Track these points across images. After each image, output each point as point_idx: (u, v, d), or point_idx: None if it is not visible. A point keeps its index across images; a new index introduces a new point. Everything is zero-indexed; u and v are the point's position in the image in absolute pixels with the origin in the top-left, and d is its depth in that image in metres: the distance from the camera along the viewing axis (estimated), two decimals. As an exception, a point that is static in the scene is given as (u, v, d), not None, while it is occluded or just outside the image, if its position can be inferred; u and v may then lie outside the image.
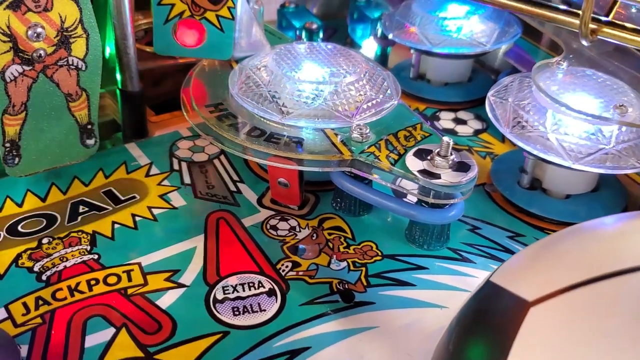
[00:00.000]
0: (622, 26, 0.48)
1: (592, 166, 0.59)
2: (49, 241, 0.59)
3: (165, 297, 0.54)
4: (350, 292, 0.56)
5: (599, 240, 0.40)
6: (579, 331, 0.34)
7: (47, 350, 0.49)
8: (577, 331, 0.35)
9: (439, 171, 0.57)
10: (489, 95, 0.67)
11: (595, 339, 0.34)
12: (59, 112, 0.62)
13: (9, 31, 0.56)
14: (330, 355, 0.50)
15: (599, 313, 0.35)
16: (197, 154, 0.72)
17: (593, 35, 0.48)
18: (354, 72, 0.65)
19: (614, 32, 0.48)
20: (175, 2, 0.67)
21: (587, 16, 0.46)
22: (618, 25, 0.48)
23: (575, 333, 0.34)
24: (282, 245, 0.60)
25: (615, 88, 0.64)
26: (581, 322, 0.35)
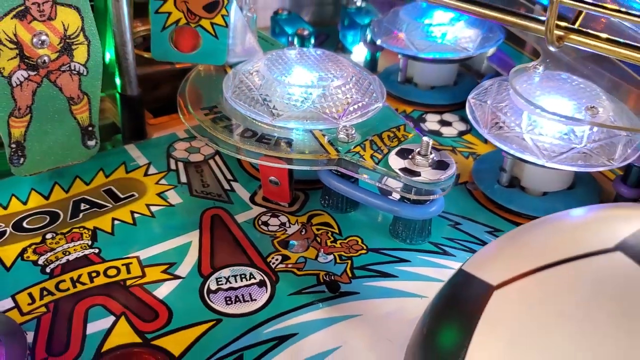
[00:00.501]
0: (587, 33, 0.51)
1: (564, 164, 0.63)
2: (52, 236, 0.63)
3: (162, 288, 0.58)
4: (335, 283, 0.59)
5: (558, 230, 0.44)
6: (536, 310, 0.38)
7: (51, 337, 0.53)
8: (534, 310, 0.38)
9: (419, 169, 0.61)
10: (470, 98, 0.70)
11: (550, 317, 0.37)
12: (62, 114, 0.66)
13: (15, 39, 0.59)
14: (316, 341, 0.53)
15: (553, 294, 0.38)
16: (193, 154, 0.76)
17: (560, 41, 0.52)
18: (341, 76, 0.69)
19: (579, 38, 0.51)
20: (171, 11, 0.70)
21: (551, 24, 0.49)
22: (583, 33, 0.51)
23: (532, 312, 0.38)
24: (272, 240, 0.64)
25: (588, 91, 0.68)
26: (538, 302, 0.38)
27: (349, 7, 0.99)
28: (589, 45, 0.51)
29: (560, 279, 0.39)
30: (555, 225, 0.45)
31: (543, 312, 0.38)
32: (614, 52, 0.50)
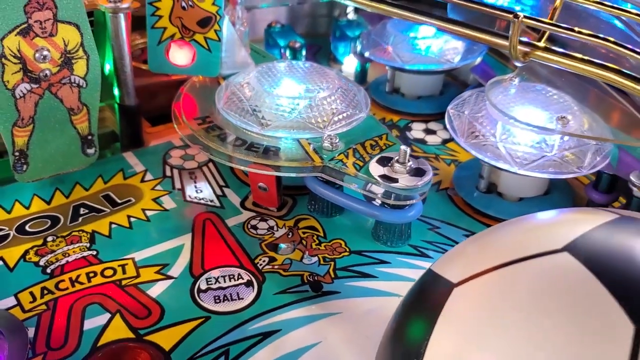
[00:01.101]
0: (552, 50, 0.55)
1: (536, 171, 0.66)
2: (53, 239, 0.67)
3: (155, 287, 0.62)
4: (318, 282, 0.63)
5: (515, 232, 0.47)
6: (489, 306, 0.42)
7: (50, 332, 0.57)
8: (487, 306, 0.42)
9: (397, 176, 0.64)
10: (449, 108, 0.74)
11: (501, 312, 0.41)
12: (63, 124, 0.70)
13: (19, 54, 0.63)
14: (298, 337, 0.57)
15: (505, 291, 0.42)
16: (188, 161, 0.80)
17: (526, 57, 0.55)
18: (327, 88, 0.73)
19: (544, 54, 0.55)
20: (167, 26, 0.75)
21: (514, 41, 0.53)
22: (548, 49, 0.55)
23: (486, 307, 0.42)
24: (260, 243, 0.68)
25: (561, 102, 0.72)
26: (492, 298, 0.42)
27: (340, 19, 1.03)
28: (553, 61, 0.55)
29: (513, 277, 0.43)
30: (514, 228, 0.48)
31: (495, 307, 0.41)
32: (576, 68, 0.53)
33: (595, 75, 0.53)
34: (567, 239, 0.43)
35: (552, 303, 0.40)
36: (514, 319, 0.40)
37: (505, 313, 0.41)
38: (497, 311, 0.41)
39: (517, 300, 0.41)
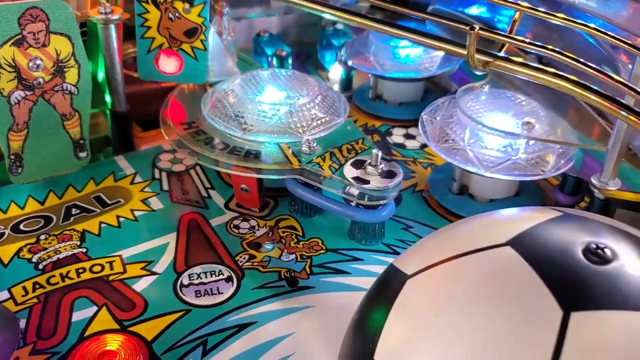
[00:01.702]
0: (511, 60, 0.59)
1: (501, 174, 0.70)
2: (45, 237, 0.71)
3: (140, 282, 0.66)
4: (294, 278, 0.67)
5: (468, 228, 0.51)
6: (436, 295, 0.45)
7: (41, 323, 0.60)
8: (434, 295, 0.45)
9: (369, 178, 0.68)
10: (423, 114, 0.78)
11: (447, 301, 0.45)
12: (56, 129, 0.74)
13: (13, 63, 0.68)
14: (272, 328, 0.61)
15: (452, 281, 0.46)
16: (176, 165, 0.84)
17: (486, 66, 0.59)
18: (307, 95, 0.77)
19: (503, 64, 0.59)
20: (155, 36, 0.79)
21: (471, 51, 0.57)
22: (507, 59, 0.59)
23: (433, 296, 0.45)
24: (241, 241, 0.72)
25: (529, 108, 0.75)
26: (439, 288, 0.46)
27: (327, 28, 1.07)
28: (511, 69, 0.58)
29: (460, 268, 0.46)
30: (468, 225, 0.52)
31: (442, 296, 0.45)
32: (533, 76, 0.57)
33: (549, 83, 0.56)
34: (511, 234, 0.47)
35: (492, 291, 0.43)
36: (458, 306, 0.44)
37: (450, 301, 0.45)
38: (444, 299, 0.45)
39: (462, 289, 0.45)
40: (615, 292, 0.42)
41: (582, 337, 0.39)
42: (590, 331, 0.40)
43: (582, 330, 0.40)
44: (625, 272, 0.43)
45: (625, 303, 0.41)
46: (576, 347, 0.39)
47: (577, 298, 0.41)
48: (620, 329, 0.40)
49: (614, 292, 0.42)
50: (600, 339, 0.40)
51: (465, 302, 0.44)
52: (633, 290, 0.42)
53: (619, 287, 0.42)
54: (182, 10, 0.76)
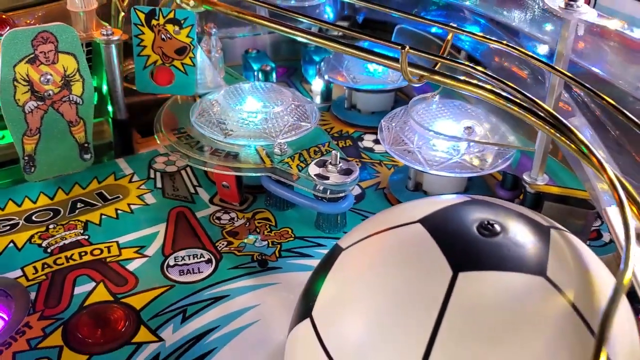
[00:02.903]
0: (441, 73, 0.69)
1: (445, 171, 0.81)
2: (54, 226, 0.82)
3: (133, 263, 0.77)
4: (265, 261, 0.78)
5: (396, 210, 0.62)
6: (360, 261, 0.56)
7: (48, 296, 0.72)
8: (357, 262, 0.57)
9: (329, 174, 0.79)
10: (382, 121, 0.89)
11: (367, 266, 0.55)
12: (64, 134, 0.86)
13: (27, 78, 0.80)
14: (242, 300, 0.72)
15: (372, 251, 0.57)
16: (169, 166, 0.95)
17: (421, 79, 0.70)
18: (282, 104, 0.88)
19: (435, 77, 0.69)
20: (150, 54, 0.91)
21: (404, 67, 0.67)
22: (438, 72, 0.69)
23: (357, 263, 0.56)
24: (222, 230, 0.83)
25: (474, 114, 0.86)
26: (362, 256, 0.57)
27: (309, 46, 1.18)
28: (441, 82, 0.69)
29: (379, 241, 0.57)
30: (397, 208, 0.63)
31: (363, 263, 0.56)
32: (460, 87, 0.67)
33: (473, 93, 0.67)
34: (423, 214, 0.58)
35: (400, 257, 0.55)
36: (375, 269, 0.55)
37: (369, 265, 0.56)
38: (365, 265, 0.56)
39: (379, 256, 0.56)
40: (497, 257, 0.52)
41: (466, 290, 0.50)
42: (473, 285, 0.51)
43: (466, 285, 0.51)
44: (508, 242, 0.54)
45: (504, 265, 0.52)
46: (461, 297, 0.50)
47: (465, 261, 0.52)
48: (497, 284, 0.51)
49: (496, 257, 0.52)
50: (480, 291, 0.50)
51: (380, 265, 0.55)
52: (512, 256, 0.53)
53: (501, 254, 0.53)
54: (173, 32, 0.88)
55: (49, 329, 0.68)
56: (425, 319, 0.49)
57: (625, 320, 0.52)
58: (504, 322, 0.49)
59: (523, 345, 0.48)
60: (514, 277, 0.51)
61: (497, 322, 0.49)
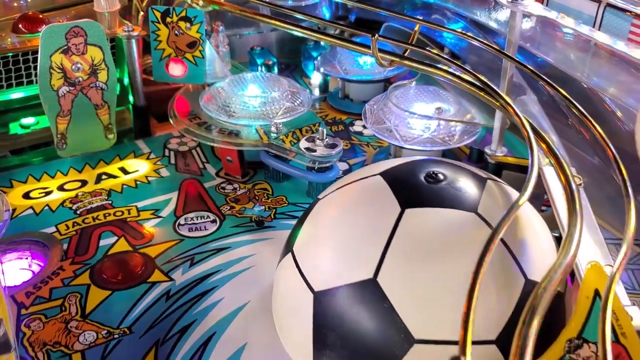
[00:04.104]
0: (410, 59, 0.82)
1: (416, 145, 0.94)
2: (82, 194, 0.96)
3: (149, 222, 0.91)
4: (262, 221, 0.91)
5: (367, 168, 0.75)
6: (331, 206, 0.70)
7: (78, 247, 0.86)
8: (330, 207, 0.70)
9: (317, 148, 0.92)
10: (366, 105, 1.02)
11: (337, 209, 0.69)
12: (91, 116, 1.00)
13: (61, 66, 0.94)
14: (240, 251, 0.85)
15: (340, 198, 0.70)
16: (182, 146, 1.09)
17: (392, 64, 0.83)
18: (278, 90, 1.02)
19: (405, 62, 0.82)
20: (165, 48, 1.05)
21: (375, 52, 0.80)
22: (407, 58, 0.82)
23: (329, 208, 0.70)
24: (225, 197, 0.96)
25: (445, 98, 0.99)
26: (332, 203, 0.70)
27: (308, 43, 1.32)
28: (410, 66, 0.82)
29: (347, 190, 0.71)
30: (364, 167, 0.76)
31: (332, 207, 0.70)
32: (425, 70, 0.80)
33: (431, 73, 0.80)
34: (383, 169, 0.71)
35: (360, 200, 0.68)
36: (340, 211, 0.68)
37: (337, 208, 0.69)
38: (333, 208, 0.69)
39: (345, 201, 0.69)
40: (438, 197, 0.65)
41: (410, 221, 0.63)
42: (416, 218, 0.64)
43: (410, 218, 0.63)
44: (448, 187, 0.67)
45: (442, 203, 0.65)
46: (406, 226, 0.63)
47: (411, 200, 0.65)
48: (436, 217, 0.64)
49: (437, 198, 0.65)
50: (422, 222, 0.63)
51: (345, 207, 0.68)
52: (450, 197, 0.65)
53: (441, 195, 0.66)
54: (184, 28, 1.02)
55: (79, 271, 0.81)
56: (377, 244, 0.62)
57: (541, 239, 0.64)
58: (439, 245, 0.62)
59: (454, 263, 0.61)
60: (450, 213, 0.64)
61: (434, 245, 0.62)
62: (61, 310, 0.76)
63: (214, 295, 0.78)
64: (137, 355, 0.70)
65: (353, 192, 0.70)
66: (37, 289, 0.79)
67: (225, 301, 0.77)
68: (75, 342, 0.71)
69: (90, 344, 0.71)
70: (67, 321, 0.74)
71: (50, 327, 0.73)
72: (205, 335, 0.72)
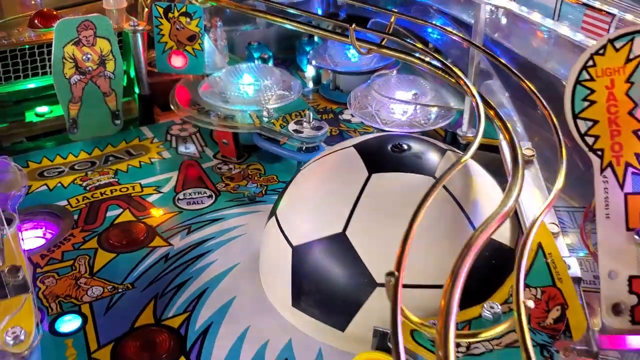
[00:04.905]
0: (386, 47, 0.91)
1: (394, 128, 1.03)
2: (91, 173, 1.06)
3: (151, 197, 1.00)
4: (254, 196, 1.00)
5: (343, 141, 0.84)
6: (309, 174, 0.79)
7: (87, 218, 0.95)
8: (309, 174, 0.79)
9: (303, 130, 1.02)
10: (352, 92, 1.11)
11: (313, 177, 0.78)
12: (99, 103, 1.10)
13: (73, 57, 1.04)
14: (233, 221, 0.94)
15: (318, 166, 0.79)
16: (183, 132, 1.19)
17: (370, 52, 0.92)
18: (270, 79, 1.11)
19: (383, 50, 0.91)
20: (167, 41, 1.14)
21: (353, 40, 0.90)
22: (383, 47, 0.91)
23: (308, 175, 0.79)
24: (221, 177, 1.06)
25: (423, 85, 1.08)
26: (311, 171, 0.79)
27: (303, 39, 1.41)
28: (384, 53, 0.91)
29: (324, 160, 0.80)
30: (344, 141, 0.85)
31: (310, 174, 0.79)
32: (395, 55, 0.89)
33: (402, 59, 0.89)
34: (357, 141, 0.80)
35: (335, 168, 0.77)
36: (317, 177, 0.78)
37: (315, 175, 0.78)
38: (311, 175, 0.79)
39: (321, 170, 0.79)
40: (401, 164, 0.75)
41: (376, 183, 0.72)
42: (381, 182, 0.73)
43: (376, 181, 0.73)
44: (411, 156, 0.76)
45: (404, 169, 0.74)
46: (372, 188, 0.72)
47: (377, 166, 0.74)
48: (398, 180, 0.73)
49: (400, 164, 0.75)
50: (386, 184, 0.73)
51: (321, 175, 0.78)
52: (412, 164, 0.75)
53: (404, 162, 0.75)
54: (185, 23, 1.12)
55: (88, 238, 0.91)
56: (347, 203, 0.72)
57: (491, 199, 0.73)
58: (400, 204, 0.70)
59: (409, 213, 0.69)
60: (411, 176, 0.73)
61: (395, 202, 0.71)
62: (72, 270, 0.85)
63: (207, 258, 0.87)
64: (138, 306, 0.79)
65: (329, 162, 0.79)
66: (51, 252, 0.88)
67: (218, 263, 0.86)
68: (84, 295, 0.81)
69: (97, 297, 0.80)
70: (77, 278, 0.83)
71: (62, 283, 0.83)
72: (199, 290, 0.81)
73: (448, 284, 0.55)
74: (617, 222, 0.62)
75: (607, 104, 0.62)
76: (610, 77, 0.62)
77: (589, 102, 0.62)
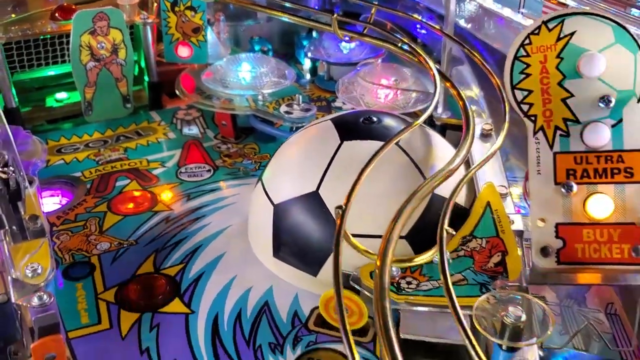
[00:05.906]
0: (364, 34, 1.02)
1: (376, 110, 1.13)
2: (103, 149, 1.18)
3: (156, 170, 1.12)
4: (249, 172, 1.11)
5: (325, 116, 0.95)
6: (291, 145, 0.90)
7: (98, 186, 1.07)
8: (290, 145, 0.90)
9: (293, 111, 1.13)
10: (339, 80, 1.22)
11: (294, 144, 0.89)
12: (112, 87, 1.22)
13: (89, 45, 1.16)
14: (227, 191, 1.05)
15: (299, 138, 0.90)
16: (187, 117, 1.30)
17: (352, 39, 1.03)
18: (266, 67, 1.22)
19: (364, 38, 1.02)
20: (174, 33, 1.26)
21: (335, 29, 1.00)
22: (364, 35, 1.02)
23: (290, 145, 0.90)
24: (220, 154, 1.17)
25: (404, 72, 1.19)
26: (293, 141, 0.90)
27: (301, 33, 1.53)
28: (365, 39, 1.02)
29: (305, 132, 0.91)
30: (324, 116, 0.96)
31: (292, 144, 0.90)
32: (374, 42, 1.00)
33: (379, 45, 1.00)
34: (334, 116, 0.91)
35: (312, 137, 0.88)
36: (297, 146, 0.89)
37: (295, 144, 0.89)
38: (292, 145, 0.90)
39: (300, 140, 0.90)
40: (369, 134, 0.85)
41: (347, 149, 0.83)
42: (351, 148, 0.83)
43: (347, 147, 0.83)
44: (379, 127, 0.87)
45: (372, 137, 0.84)
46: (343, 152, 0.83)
47: (348, 135, 0.85)
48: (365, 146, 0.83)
49: (369, 134, 0.85)
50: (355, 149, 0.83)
51: (300, 144, 0.89)
52: (379, 133, 0.85)
53: (372, 132, 0.86)
54: (190, 16, 1.24)
55: (99, 203, 1.02)
56: (320, 166, 0.83)
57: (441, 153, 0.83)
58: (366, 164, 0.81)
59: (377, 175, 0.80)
60: (377, 144, 0.83)
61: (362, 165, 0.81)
62: (83, 228, 0.96)
63: (203, 221, 0.98)
64: (141, 258, 0.90)
65: (307, 133, 0.90)
66: (65, 214, 1.00)
67: (211, 225, 0.97)
68: (94, 249, 0.92)
69: (105, 250, 0.92)
70: (87, 235, 0.95)
71: (75, 239, 0.94)
72: (194, 247, 0.93)
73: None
74: (547, 177, 0.72)
75: (540, 76, 0.72)
76: (543, 54, 0.72)
77: (525, 75, 0.73)
